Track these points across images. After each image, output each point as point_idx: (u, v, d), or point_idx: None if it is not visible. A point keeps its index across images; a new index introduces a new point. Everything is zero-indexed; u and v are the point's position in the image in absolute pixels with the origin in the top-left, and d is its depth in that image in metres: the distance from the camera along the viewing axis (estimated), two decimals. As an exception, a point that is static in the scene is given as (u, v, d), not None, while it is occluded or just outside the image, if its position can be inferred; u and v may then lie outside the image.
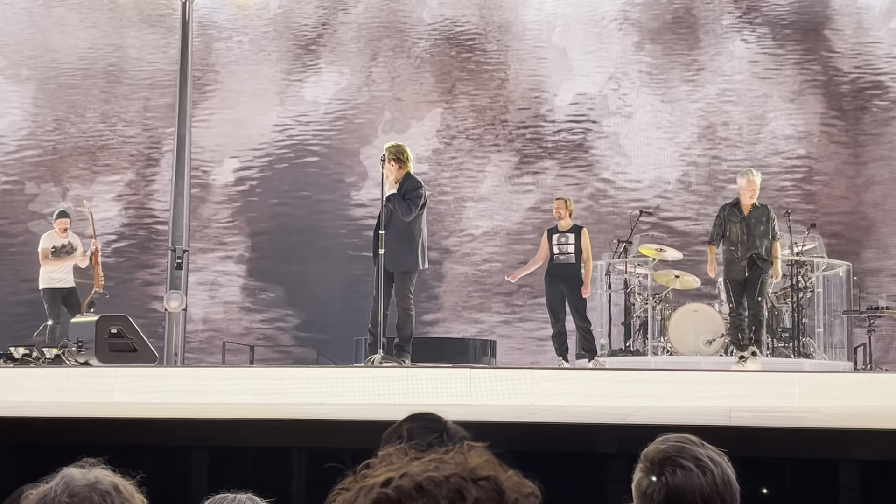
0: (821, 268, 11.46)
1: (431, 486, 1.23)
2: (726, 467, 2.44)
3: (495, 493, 1.25)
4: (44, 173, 16.12)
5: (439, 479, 1.23)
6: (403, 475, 1.25)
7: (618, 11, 15.86)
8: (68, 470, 1.93)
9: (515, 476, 1.30)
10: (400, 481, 1.24)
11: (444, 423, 3.01)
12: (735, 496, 2.42)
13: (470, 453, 1.30)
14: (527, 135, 15.81)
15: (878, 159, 14.92)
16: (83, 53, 16.52)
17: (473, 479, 1.24)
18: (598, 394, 8.11)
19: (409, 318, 9.53)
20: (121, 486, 1.92)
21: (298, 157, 16.15)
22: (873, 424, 5.84)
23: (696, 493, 2.38)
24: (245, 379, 8.89)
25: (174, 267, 13.32)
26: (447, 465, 1.26)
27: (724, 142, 15.35)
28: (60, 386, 8.55)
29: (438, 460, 1.28)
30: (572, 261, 10.86)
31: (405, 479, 1.24)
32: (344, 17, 16.50)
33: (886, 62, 15.12)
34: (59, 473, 1.92)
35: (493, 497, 1.24)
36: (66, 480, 1.90)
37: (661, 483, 2.39)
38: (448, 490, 1.22)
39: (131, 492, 1.94)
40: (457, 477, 1.24)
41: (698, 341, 10.99)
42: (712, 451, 2.46)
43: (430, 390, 8.08)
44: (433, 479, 1.23)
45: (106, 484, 1.90)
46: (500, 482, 1.26)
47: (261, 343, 15.52)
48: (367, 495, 1.25)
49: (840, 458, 4.95)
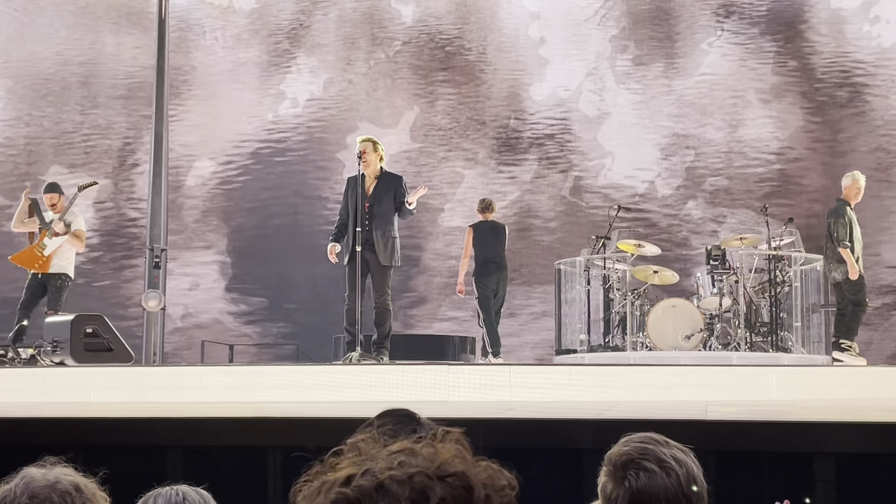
0: (798, 262, 11.48)
1: (393, 486, 1.18)
2: (692, 466, 2.41)
3: (463, 489, 1.19)
4: (19, 174, 16.00)
5: (402, 478, 1.18)
6: (365, 472, 1.20)
7: (596, 9, 15.85)
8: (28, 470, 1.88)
9: (490, 468, 1.25)
10: (361, 480, 1.19)
11: (417, 419, 2.98)
12: (701, 494, 2.39)
13: (441, 445, 1.25)
14: (504, 132, 15.80)
15: (854, 154, 14.96)
16: (58, 52, 16.41)
17: (440, 477, 1.19)
18: (577, 389, 8.11)
19: (388, 314, 9.52)
20: (82, 486, 1.88)
21: (276, 156, 16.10)
22: (850, 417, 5.85)
23: (661, 495, 2.35)
24: (222, 377, 8.84)
25: (152, 266, 13.24)
26: (414, 459, 1.21)
27: (702, 138, 15.37)
28: (35, 386, 8.49)
29: (408, 451, 1.22)
30: None
31: (366, 476, 1.19)
32: (322, 15, 16.45)
33: (862, 58, 15.17)
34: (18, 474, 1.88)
35: (461, 495, 1.19)
36: (25, 481, 1.86)
37: (626, 487, 2.36)
38: (411, 490, 1.17)
39: (93, 491, 1.90)
40: (421, 475, 1.18)
41: (677, 336, 10.99)
42: (677, 450, 2.42)
43: (408, 387, 8.06)
44: (395, 478, 1.18)
45: (66, 483, 1.86)
46: (468, 477, 1.21)
47: (239, 342, 15.46)
48: (327, 494, 1.20)
49: (817, 451, 4.95)
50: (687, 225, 15.13)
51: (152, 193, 13.58)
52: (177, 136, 15.39)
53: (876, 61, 15.10)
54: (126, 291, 15.65)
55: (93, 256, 15.59)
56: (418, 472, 1.19)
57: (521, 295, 15.01)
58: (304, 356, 14.47)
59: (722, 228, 14.79)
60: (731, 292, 11.16)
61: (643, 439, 2.42)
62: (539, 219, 15.47)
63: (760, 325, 11.26)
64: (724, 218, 15.09)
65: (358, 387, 8.07)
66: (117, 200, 16.14)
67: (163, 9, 13.96)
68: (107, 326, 10.31)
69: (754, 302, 11.34)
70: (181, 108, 15.98)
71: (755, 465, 4.93)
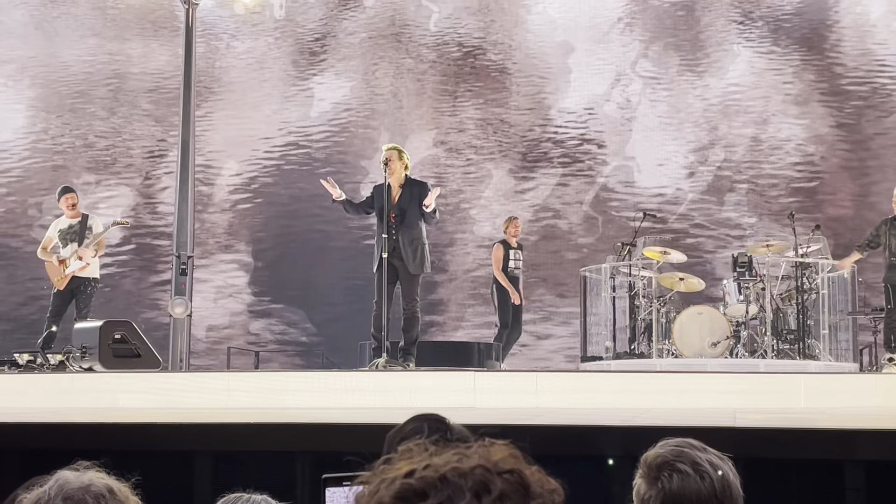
0: (825, 269, 11.41)
1: (456, 478, 1.21)
2: (728, 472, 2.40)
3: (520, 486, 1.22)
4: (48, 181, 16.12)
5: (464, 471, 1.21)
6: (427, 466, 1.23)
7: (620, 17, 15.83)
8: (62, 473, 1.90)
9: (539, 472, 1.28)
10: (424, 472, 1.22)
11: (447, 424, 2.98)
12: (736, 502, 2.38)
13: (493, 447, 1.28)
14: (529, 140, 15.79)
15: (880, 161, 14.87)
16: (87, 60, 16.52)
17: (498, 472, 1.22)
18: (603, 396, 8.08)
19: (416, 321, 9.53)
20: (115, 489, 1.90)
21: (302, 163, 16.14)
22: (879, 425, 5.80)
23: (694, 499, 2.34)
24: (249, 383, 8.86)
25: (179, 273, 13.29)
26: (471, 457, 1.24)
27: (728, 145, 15.31)
28: (65, 392, 8.53)
29: (461, 453, 1.25)
30: (517, 277, 12.04)
31: (429, 469, 1.22)
32: (347, 24, 16.49)
33: (888, 66, 15.08)
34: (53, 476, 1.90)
35: (518, 490, 1.22)
36: (59, 483, 1.87)
37: (658, 488, 2.36)
38: (473, 482, 1.20)
39: (126, 494, 1.91)
40: (481, 469, 1.22)
41: (703, 343, 10.94)
42: (714, 456, 2.41)
43: (434, 393, 8.05)
44: (458, 471, 1.21)
45: (100, 486, 1.88)
46: (524, 476, 1.24)
47: (266, 349, 15.50)
48: (390, 486, 1.22)
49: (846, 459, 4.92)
50: (713, 232, 15.07)
51: (179, 200, 13.64)
52: (203, 143, 15.47)
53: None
54: (153, 297, 15.71)
55: (121, 261, 15.67)
56: (478, 466, 1.22)
57: (548, 302, 14.99)
58: (330, 362, 14.49)
59: (748, 235, 14.72)
60: (757, 299, 11.10)
61: (680, 443, 2.42)
62: (564, 226, 15.44)
63: (787, 332, 11.20)
64: (751, 225, 15.03)
65: (384, 392, 8.07)
66: (144, 208, 16.22)
67: (190, 17, 14.04)
68: (135, 332, 10.36)
69: (781, 309, 11.28)
70: (208, 116, 16.05)
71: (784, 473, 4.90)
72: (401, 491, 1.21)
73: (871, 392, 8.44)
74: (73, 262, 11.06)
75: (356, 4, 16.52)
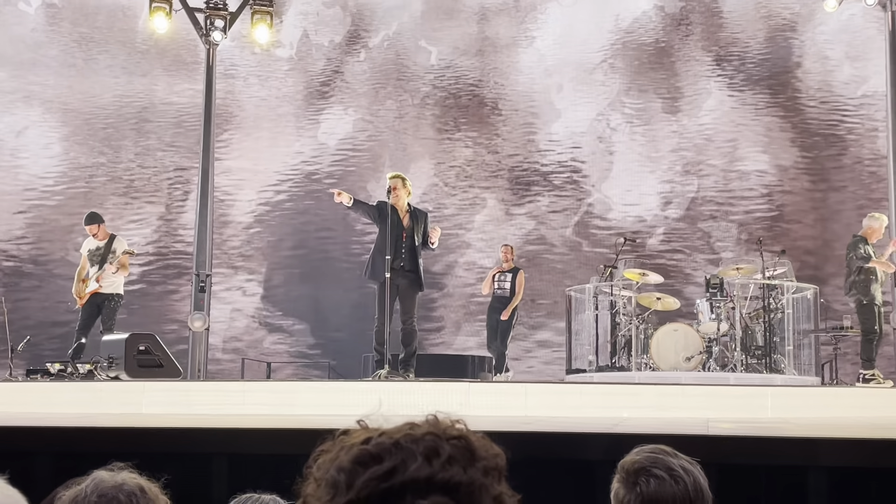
0: (790, 291, 11.44)
1: (408, 443, 1.24)
2: (698, 476, 2.41)
3: (467, 450, 1.25)
4: (80, 206, 16.13)
5: (416, 437, 1.25)
6: (382, 434, 1.27)
7: (604, 59, 15.91)
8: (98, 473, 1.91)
9: (484, 438, 1.31)
10: (379, 439, 1.26)
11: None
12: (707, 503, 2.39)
13: (442, 420, 1.31)
14: (519, 170, 15.83)
15: (841, 192, 14.92)
16: (116, 95, 16.56)
17: (447, 438, 1.25)
18: (587, 406, 8.08)
19: (415, 335, 9.54)
20: (146, 488, 1.91)
21: (312, 190, 16.17)
22: (840, 434, 5.81)
23: (669, 501, 2.35)
24: (262, 392, 8.85)
25: (198, 290, 13.31)
26: (421, 427, 1.28)
27: (701, 176, 15.36)
28: (93, 399, 8.52)
29: (412, 424, 1.29)
30: (507, 296, 12.29)
31: (384, 437, 1.26)
32: (353, 63, 16.56)
33: (847, 107, 15.16)
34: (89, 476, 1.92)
35: (465, 454, 1.25)
36: (95, 482, 1.89)
37: (637, 493, 2.37)
38: (424, 447, 1.23)
39: (156, 493, 1.92)
40: (431, 435, 1.25)
41: (678, 358, 10.95)
42: (685, 461, 2.43)
43: (431, 402, 8.03)
44: (410, 437, 1.25)
45: (132, 485, 1.89)
46: (471, 441, 1.27)
47: (277, 360, 15.49)
48: (349, 452, 1.26)
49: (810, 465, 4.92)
50: (688, 255, 15.10)
51: (199, 223, 13.67)
52: (221, 170, 15.50)
53: (861, 104, 15.09)
54: (174, 312, 15.70)
55: (146, 279, 15.67)
56: (428, 433, 1.26)
57: (536, 319, 15.00)
58: (336, 373, 14.48)
59: (720, 259, 14.75)
60: (728, 318, 11.12)
61: (654, 449, 2.43)
62: (551, 249, 15.47)
63: (755, 348, 11.21)
64: (723, 249, 15.06)
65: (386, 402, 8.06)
66: (167, 230, 16.24)
67: (210, 56, 14.10)
68: (158, 344, 10.35)
69: (749, 327, 11.29)
70: (226, 146, 16.09)
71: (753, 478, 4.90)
72: (358, 456, 1.24)
73: (832, 404, 8.45)
74: (92, 284, 11.10)
75: (361, 46, 16.59)
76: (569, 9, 16.16)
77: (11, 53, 16.46)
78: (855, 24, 15.17)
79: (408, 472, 1.20)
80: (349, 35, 16.65)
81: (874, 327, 10.57)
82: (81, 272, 11.28)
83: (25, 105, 16.39)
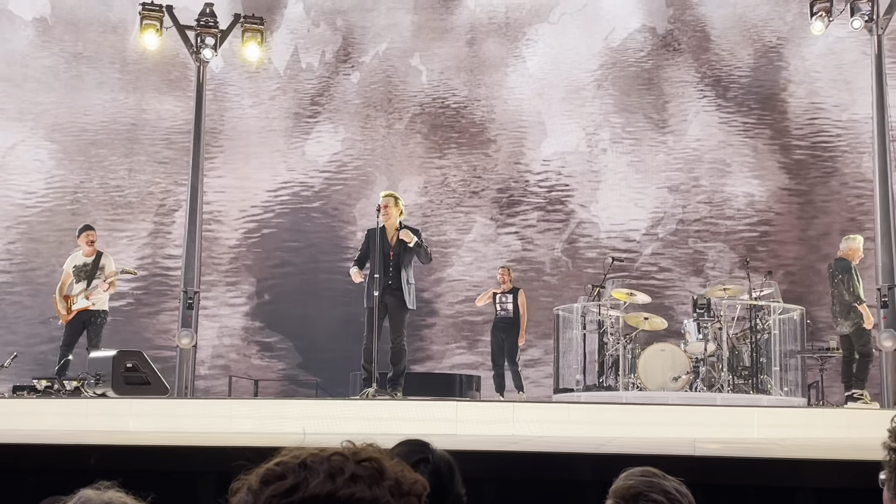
0: (777, 311, 11.47)
1: (313, 462, 1.26)
2: (691, 497, 2.41)
3: (375, 471, 1.26)
4: (68, 221, 16.09)
5: (322, 457, 1.27)
6: (293, 457, 1.29)
7: (593, 79, 15.98)
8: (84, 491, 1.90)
9: (400, 464, 1.31)
10: (287, 460, 1.28)
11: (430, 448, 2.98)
12: None
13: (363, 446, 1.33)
14: (508, 189, 15.86)
15: (828, 213, 14.99)
16: (106, 112, 16.56)
17: (356, 460, 1.27)
18: (574, 425, 8.07)
19: (404, 353, 9.49)
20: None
21: (299, 207, 16.17)
22: (826, 455, 5.81)
23: None
24: (249, 409, 8.82)
25: (185, 307, 13.26)
26: (331, 449, 1.30)
27: (689, 196, 15.41)
28: (79, 416, 8.48)
29: (325, 448, 1.31)
30: (510, 316, 12.29)
31: (291, 458, 1.28)
32: (344, 81, 16.59)
33: (835, 124, 15.25)
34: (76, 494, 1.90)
35: (373, 474, 1.26)
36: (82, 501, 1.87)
37: None
38: (329, 465, 1.25)
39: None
40: (339, 455, 1.27)
41: (665, 378, 10.96)
42: (675, 483, 2.43)
43: (419, 421, 8.03)
44: (316, 457, 1.27)
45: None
46: (381, 463, 1.28)
47: (264, 378, 15.44)
48: (258, 473, 1.29)
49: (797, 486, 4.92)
50: (675, 275, 15.13)
51: (187, 240, 13.63)
52: (210, 188, 15.48)
53: (848, 127, 15.17)
54: (162, 329, 15.65)
55: (134, 295, 15.62)
56: (336, 453, 1.28)
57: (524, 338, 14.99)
58: (324, 391, 14.44)
59: (707, 279, 14.78)
60: (715, 338, 11.14)
61: (645, 472, 2.43)
62: (540, 268, 15.48)
63: (742, 368, 11.23)
64: (710, 270, 15.09)
65: (374, 419, 8.04)
66: (155, 246, 16.20)
67: (200, 74, 14.10)
68: (145, 362, 10.31)
69: (736, 347, 11.31)
70: (215, 163, 16.08)
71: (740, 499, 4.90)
72: (264, 475, 1.27)
73: (819, 424, 8.46)
74: (80, 301, 10.98)
75: (351, 65, 16.63)
76: (558, 29, 16.24)
77: (1, 68, 16.45)
78: (841, 47, 15.28)
79: (309, 489, 1.22)
80: (339, 54, 16.69)
81: (871, 349, 10.59)
82: (63, 288, 11.18)
83: (15, 121, 16.37)
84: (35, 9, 16.79)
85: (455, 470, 2.54)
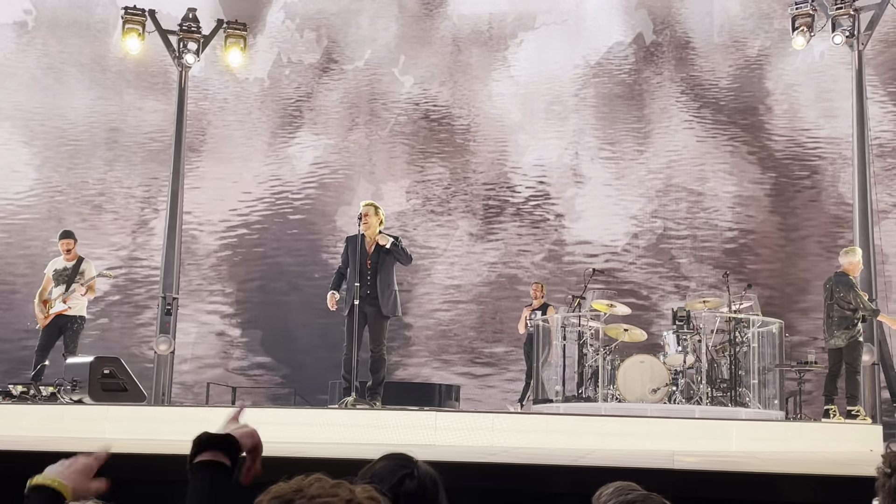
0: (756, 324, 11.51)
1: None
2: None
3: None
4: (49, 227, 16.00)
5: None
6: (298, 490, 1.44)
7: (576, 90, 16.04)
8: (64, 503, 1.89)
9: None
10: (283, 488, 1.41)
11: (414, 462, 2.97)
12: None
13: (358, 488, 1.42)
14: (490, 198, 15.89)
15: (808, 227, 15.07)
16: (86, 115, 16.49)
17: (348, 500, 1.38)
18: (553, 436, 8.08)
19: (383, 363, 9.44)
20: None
21: (281, 215, 16.14)
22: (803, 469, 5.84)
23: None
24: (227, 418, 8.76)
25: (164, 313, 13.21)
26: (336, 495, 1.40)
27: (669, 208, 15.47)
28: (55, 422, 8.42)
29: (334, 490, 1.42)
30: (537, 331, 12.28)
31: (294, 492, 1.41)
32: (326, 87, 16.59)
33: (814, 145, 15.35)
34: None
35: None
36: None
37: None
38: None
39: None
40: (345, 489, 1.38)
41: (644, 389, 10.97)
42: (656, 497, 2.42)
43: (398, 431, 8.01)
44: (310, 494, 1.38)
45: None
46: None
47: (242, 385, 15.38)
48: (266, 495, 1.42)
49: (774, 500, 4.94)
50: (655, 287, 15.18)
51: (166, 246, 13.58)
52: (191, 193, 15.43)
53: (828, 142, 15.28)
54: (140, 335, 15.58)
55: (112, 301, 15.54)
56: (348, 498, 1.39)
57: (504, 348, 15.00)
58: (302, 400, 14.39)
59: (687, 292, 14.84)
60: (694, 350, 11.17)
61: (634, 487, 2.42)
62: (520, 277, 15.50)
63: (721, 381, 11.25)
64: (689, 282, 15.15)
65: (352, 428, 8.02)
66: (134, 252, 16.13)
67: (182, 78, 14.06)
68: (122, 368, 10.24)
69: (715, 360, 11.34)
70: (196, 168, 16.03)
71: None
72: None
73: (796, 438, 8.49)
74: (58, 305, 10.89)
75: (334, 72, 16.63)
76: (542, 41, 16.29)
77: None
78: (823, 62, 15.40)
79: None
80: (323, 61, 16.69)
81: (860, 364, 10.61)
82: (43, 292, 11.10)
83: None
84: (16, 12, 16.72)
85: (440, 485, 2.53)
